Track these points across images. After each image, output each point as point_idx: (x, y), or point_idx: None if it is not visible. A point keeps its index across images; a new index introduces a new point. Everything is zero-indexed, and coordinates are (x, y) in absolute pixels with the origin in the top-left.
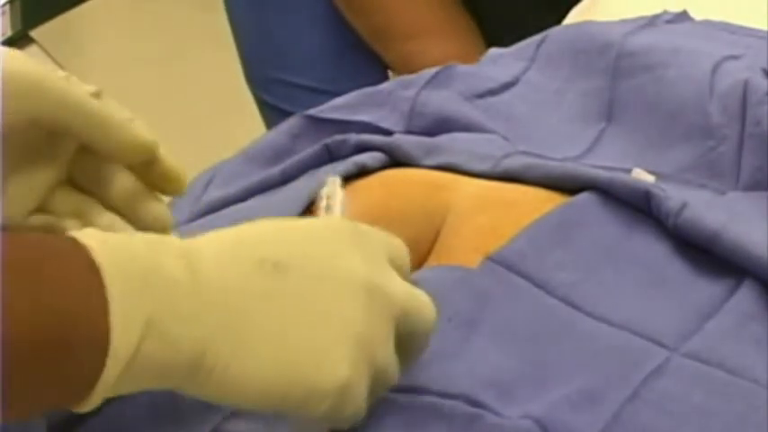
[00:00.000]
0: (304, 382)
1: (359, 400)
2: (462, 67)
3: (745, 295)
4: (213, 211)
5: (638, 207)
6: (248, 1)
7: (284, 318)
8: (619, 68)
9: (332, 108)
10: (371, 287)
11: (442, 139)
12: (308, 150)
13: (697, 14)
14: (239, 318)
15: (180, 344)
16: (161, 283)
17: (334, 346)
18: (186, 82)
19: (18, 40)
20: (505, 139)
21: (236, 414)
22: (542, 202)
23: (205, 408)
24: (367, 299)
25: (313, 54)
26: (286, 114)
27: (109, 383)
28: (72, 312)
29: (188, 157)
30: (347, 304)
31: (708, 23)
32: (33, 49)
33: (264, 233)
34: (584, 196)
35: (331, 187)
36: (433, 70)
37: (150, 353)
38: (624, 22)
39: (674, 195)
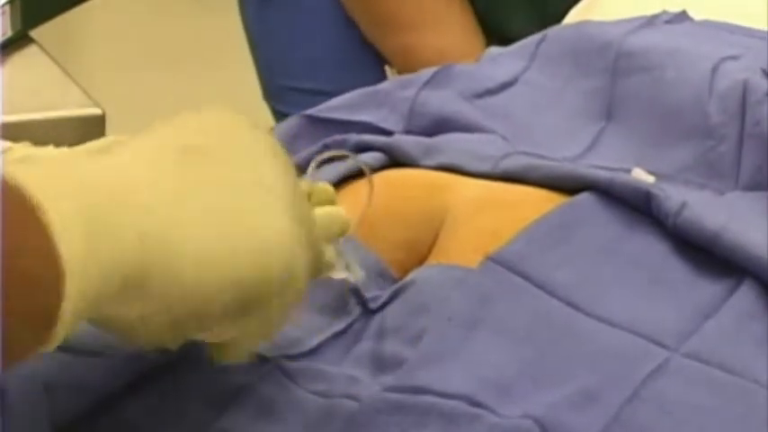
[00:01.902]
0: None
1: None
2: (461, 67)
3: (745, 295)
4: None
5: (638, 207)
6: (258, 12)
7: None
8: (618, 68)
9: (331, 108)
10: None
11: (442, 139)
12: (308, 150)
13: (696, 14)
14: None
15: (122, 233)
16: (85, 181)
17: (266, 206)
18: (186, 82)
19: (18, 40)
20: (504, 139)
21: None
22: (542, 202)
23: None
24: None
25: (321, 57)
26: None
27: (73, 292)
28: (21, 245)
29: None
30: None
31: (707, 24)
32: (33, 49)
33: (185, 125)
34: (584, 196)
35: None
36: (431, 70)
37: (97, 248)
38: (623, 21)
39: (673, 195)
